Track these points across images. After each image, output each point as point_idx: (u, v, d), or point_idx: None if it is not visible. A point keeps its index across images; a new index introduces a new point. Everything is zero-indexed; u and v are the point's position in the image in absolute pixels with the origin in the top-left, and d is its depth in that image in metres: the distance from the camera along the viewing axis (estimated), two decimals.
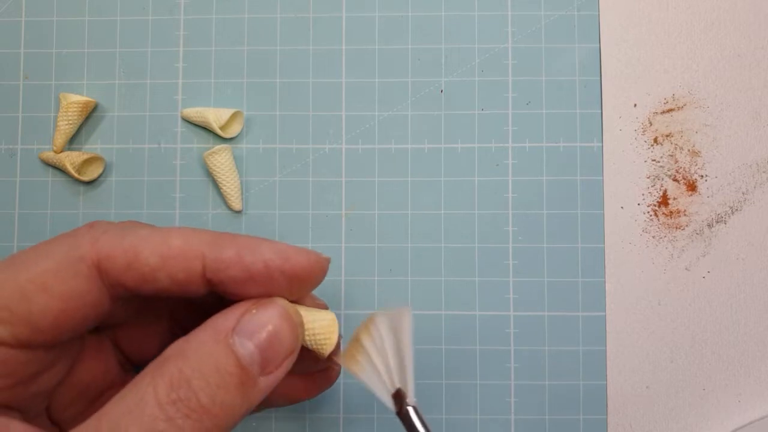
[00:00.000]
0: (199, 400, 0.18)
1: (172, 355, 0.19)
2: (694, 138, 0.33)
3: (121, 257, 0.21)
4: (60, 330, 0.20)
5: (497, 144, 0.33)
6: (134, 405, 0.18)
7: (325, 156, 0.33)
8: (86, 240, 0.21)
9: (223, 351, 0.19)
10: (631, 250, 0.32)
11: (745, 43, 0.33)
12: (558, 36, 0.33)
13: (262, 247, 0.21)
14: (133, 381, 0.19)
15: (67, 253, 0.20)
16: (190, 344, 0.20)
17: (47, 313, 0.20)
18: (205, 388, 0.19)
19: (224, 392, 0.19)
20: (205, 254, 0.21)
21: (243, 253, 0.21)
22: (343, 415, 0.32)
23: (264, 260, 0.21)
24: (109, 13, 0.34)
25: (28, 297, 0.20)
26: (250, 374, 0.19)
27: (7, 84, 0.34)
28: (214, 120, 0.32)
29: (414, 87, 0.33)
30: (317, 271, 0.22)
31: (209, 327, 0.20)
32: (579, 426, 0.31)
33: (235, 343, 0.19)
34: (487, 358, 0.32)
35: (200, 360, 0.19)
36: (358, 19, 0.33)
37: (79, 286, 0.20)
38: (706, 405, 0.32)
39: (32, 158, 0.33)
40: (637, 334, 0.32)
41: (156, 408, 0.18)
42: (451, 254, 0.32)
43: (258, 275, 0.21)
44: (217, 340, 0.19)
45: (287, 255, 0.21)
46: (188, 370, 0.19)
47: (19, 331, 0.20)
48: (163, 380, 0.18)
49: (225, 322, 0.20)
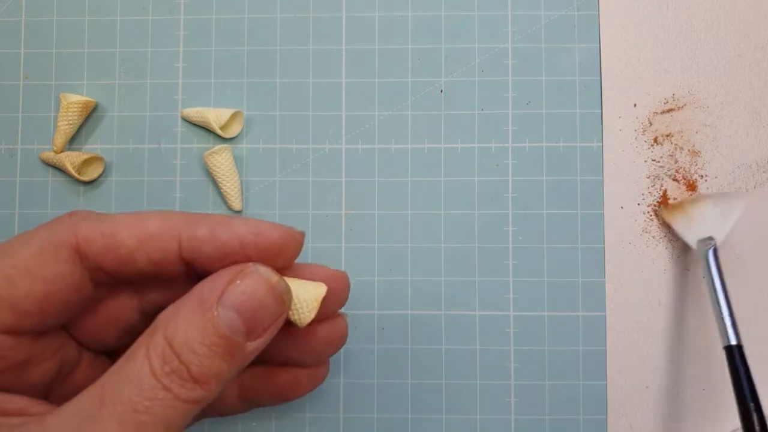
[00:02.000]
0: (190, 371, 0.19)
1: (161, 325, 0.20)
2: (694, 138, 0.33)
3: (99, 240, 0.21)
4: (44, 314, 0.21)
5: (497, 144, 0.33)
6: (132, 375, 0.19)
7: (325, 156, 0.33)
8: (66, 226, 0.22)
9: (209, 323, 0.20)
10: (631, 250, 0.32)
11: (745, 43, 0.33)
12: (558, 36, 0.33)
13: (236, 223, 0.22)
14: (129, 351, 0.20)
15: (48, 239, 0.21)
16: (179, 315, 0.20)
17: (31, 297, 0.21)
18: (194, 360, 0.19)
19: (212, 361, 0.20)
20: (181, 234, 0.21)
21: (217, 230, 0.22)
22: (343, 415, 0.32)
23: (238, 236, 0.22)
24: (109, 13, 0.34)
25: (13, 281, 0.20)
26: (236, 343, 0.20)
27: (7, 84, 0.34)
28: (214, 120, 0.32)
29: (414, 87, 0.33)
30: (291, 244, 0.22)
31: (195, 298, 0.21)
32: (579, 426, 0.31)
33: (220, 315, 0.20)
34: (487, 358, 0.32)
35: (188, 332, 0.20)
36: (358, 19, 0.33)
37: (60, 270, 0.21)
38: (706, 405, 0.32)
39: (32, 158, 0.33)
40: (637, 334, 0.32)
41: (153, 379, 0.19)
42: (451, 254, 0.32)
43: (233, 252, 0.22)
44: (203, 312, 0.20)
45: (260, 230, 0.22)
46: (177, 343, 0.19)
47: (5, 316, 0.20)
48: (156, 353, 0.19)
49: (210, 292, 0.20)
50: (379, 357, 0.32)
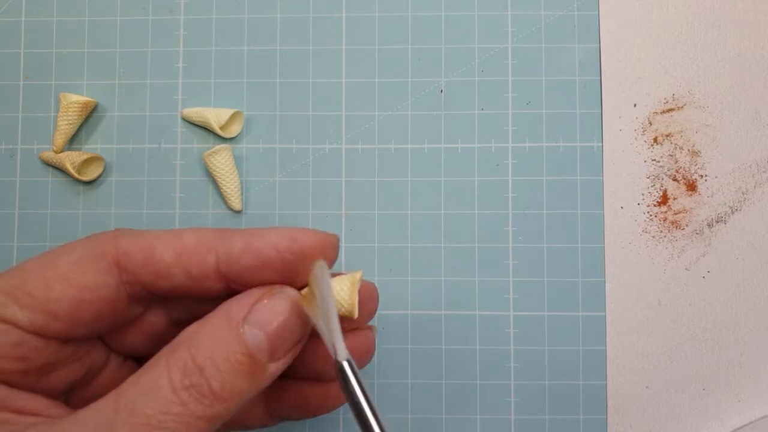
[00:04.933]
0: (211, 387, 0.19)
1: (185, 339, 0.20)
2: (694, 138, 0.33)
3: (138, 253, 0.22)
4: (74, 322, 0.21)
5: (497, 144, 0.33)
6: (149, 388, 0.19)
7: (325, 156, 0.33)
8: (107, 238, 0.22)
9: (235, 340, 0.20)
10: (631, 250, 0.32)
11: (745, 43, 0.33)
12: (558, 36, 0.33)
13: (269, 232, 0.22)
14: (149, 363, 0.20)
15: (89, 250, 0.22)
16: (204, 331, 0.20)
17: (63, 302, 0.21)
18: (216, 375, 0.20)
19: (234, 379, 0.20)
20: (217, 247, 0.22)
21: (251, 240, 0.22)
22: (343, 415, 0.32)
23: (272, 244, 0.22)
24: (109, 13, 0.34)
25: (49, 284, 0.21)
26: (259, 362, 0.20)
27: (7, 84, 0.34)
28: (214, 120, 0.32)
29: (414, 87, 0.33)
30: (327, 248, 0.22)
31: (222, 314, 0.21)
32: (579, 426, 0.31)
33: (246, 333, 0.20)
34: (487, 358, 0.32)
35: (212, 348, 0.20)
36: (358, 19, 0.33)
37: (96, 279, 0.21)
38: (706, 405, 0.32)
39: (32, 158, 0.33)
40: (637, 334, 0.32)
41: (171, 392, 0.19)
42: (451, 254, 0.32)
43: (269, 260, 0.22)
44: (229, 329, 0.20)
45: (294, 237, 0.22)
46: (200, 357, 0.20)
47: (35, 316, 0.21)
48: (177, 366, 0.19)
49: (237, 311, 0.21)
50: (379, 357, 0.32)
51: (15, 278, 0.21)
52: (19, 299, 0.21)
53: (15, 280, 0.21)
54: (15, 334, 0.21)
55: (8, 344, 0.20)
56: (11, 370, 0.21)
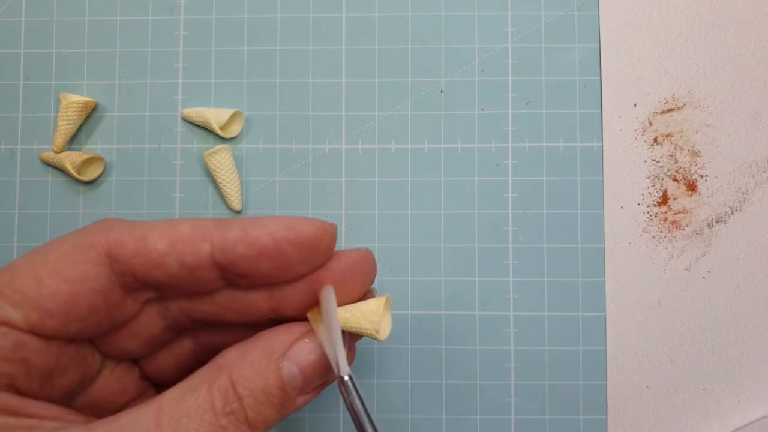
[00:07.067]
0: (247, 415, 0.21)
1: (227, 366, 0.21)
2: (694, 138, 0.33)
3: (130, 243, 0.21)
4: (67, 317, 0.21)
5: (497, 144, 0.33)
6: (194, 410, 0.20)
7: (325, 156, 0.33)
8: (98, 228, 0.22)
9: (273, 374, 0.21)
10: (631, 250, 0.32)
11: (745, 43, 0.33)
12: (558, 36, 0.33)
13: (267, 221, 0.22)
14: (190, 385, 0.21)
15: (79, 241, 0.21)
16: (245, 360, 0.21)
17: (56, 297, 0.21)
18: (253, 405, 0.21)
19: (267, 409, 0.21)
20: (212, 235, 0.22)
21: (248, 229, 0.22)
22: (343, 415, 0.32)
23: (269, 232, 0.22)
24: (109, 13, 0.34)
25: (40, 280, 0.21)
26: (290, 396, 0.22)
27: (7, 84, 0.34)
28: (214, 120, 0.32)
29: (414, 87, 0.33)
30: (324, 237, 0.22)
31: (264, 347, 0.22)
32: (579, 426, 0.32)
33: (284, 368, 0.21)
34: (487, 358, 0.32)
35: (252, 379, 0.21)
36: (358, 19, 0.33)
37: (87, 271, 0.21)
38: (706, 405, 0.32)
39: (32, 158, 0.33)
40: (637, 334, 0.32)
41: (213, 416, 0.20)
42: (451, 254, 0.32)
43: (266, 249, 0.22)
44: (269, 362, 0.21)
45: (291, 225, 0.22)
46: (241, 387, 0.21)
47: (29, 314, 0.20)
48: (220, 393, 0.21)
49: (279, 346, 0.22)
50: (379, 357, 0.32)
51: (5, 277, 0.21)
52: (11, 298, 0.20)
53: (4, 279, 0.21)
54: (13, 335, 0.20)
55: (8, 346, 0.20)
56: (14, 373, 0.21)
